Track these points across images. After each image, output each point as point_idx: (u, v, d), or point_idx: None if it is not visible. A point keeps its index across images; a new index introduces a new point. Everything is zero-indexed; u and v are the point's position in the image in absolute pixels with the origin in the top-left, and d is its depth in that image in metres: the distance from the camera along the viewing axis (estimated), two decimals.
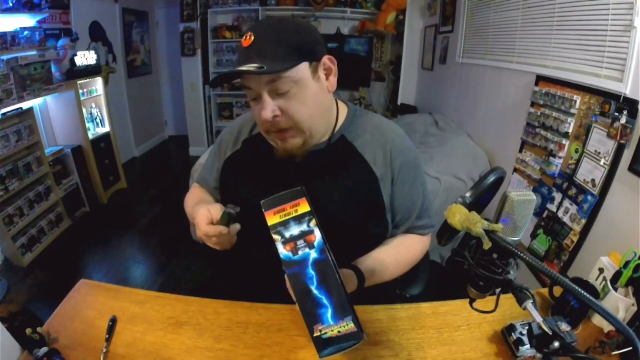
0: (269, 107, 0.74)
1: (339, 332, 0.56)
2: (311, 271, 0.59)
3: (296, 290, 0.58)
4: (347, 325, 0.56)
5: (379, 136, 0.87)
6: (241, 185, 0.91)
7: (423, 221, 0.93)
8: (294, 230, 0.61)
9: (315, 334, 0.55)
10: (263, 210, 0.63)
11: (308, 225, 0.62)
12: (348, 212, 0.84)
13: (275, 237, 0.61)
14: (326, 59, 0.79)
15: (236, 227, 0.75)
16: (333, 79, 0.82)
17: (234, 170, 0.94)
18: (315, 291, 0.58)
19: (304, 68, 0.74)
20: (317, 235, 0.61)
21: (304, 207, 0.63)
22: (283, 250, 0.60)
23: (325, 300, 0.57)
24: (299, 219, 0.62)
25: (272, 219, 0.62)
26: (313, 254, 0.60)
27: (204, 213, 0.74)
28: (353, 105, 0.93)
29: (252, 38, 0.72)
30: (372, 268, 0.79)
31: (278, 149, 0.84)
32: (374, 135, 0.88)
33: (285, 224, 0.62)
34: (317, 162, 0.85)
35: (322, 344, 0.55)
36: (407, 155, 0.88)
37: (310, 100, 0.77)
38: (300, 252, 0.60)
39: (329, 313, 0.57)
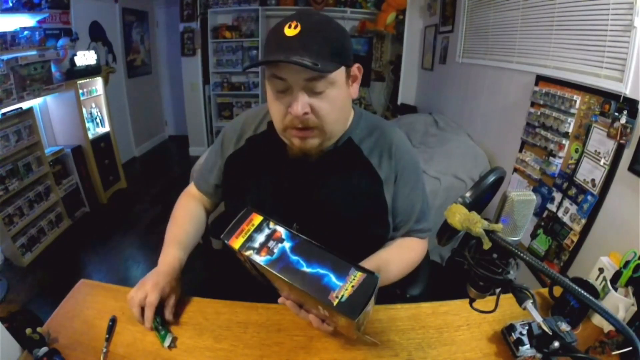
0: (302, 103, 0.72)
1: (352, 287, 0.56)
2: (294, 257, 0.60)
3: (294, 279, 0.58)
4: (355, 276, 0.57)
5: (384, 140, 0.88)
6: (245, 185, 0.91)
7: (422, 225, 0.94)
8: (260, 238, 0.63)
9: (335, 303, 0.55)
10: (225, 242, 0.64)
11: (269, 228, 0.64)
12: (352, 214, 0.85)
13: (248, 252, 0.62)
14: (355, 67, 0.80)
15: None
16: (356, 86, 0.82)
17: (238, 169, 0.93)
18: (308, 269, 0.59)
19: (341, 72, 0.75)
20: (281, 230, 0.64)
21: (257, 219, 0.66)
22: (261, 258, 0.61)
23: (322, 271, 0.58)
24: (258, 229, 0.65)
25: (236, 243, 0.64)
26: (287, 244, 0.62)
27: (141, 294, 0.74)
28: (358, 108, 0.94)
29: (299, 29, 0.69)
30: (378, 269, 0.79)
31: (293, 147, 0.83)
32: (379, 139, 0.88)
33: (249, 239, 0.64)
34: (323, 164, 0.86)
35: (346, 307, 0.55)
36: (409, 159, 0.89)
37: (339, 104, 0.77)
38: (276, 250, 0.61)
39: (332, 278, 0.57)
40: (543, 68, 1.86)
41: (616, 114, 1.38)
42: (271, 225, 0.65)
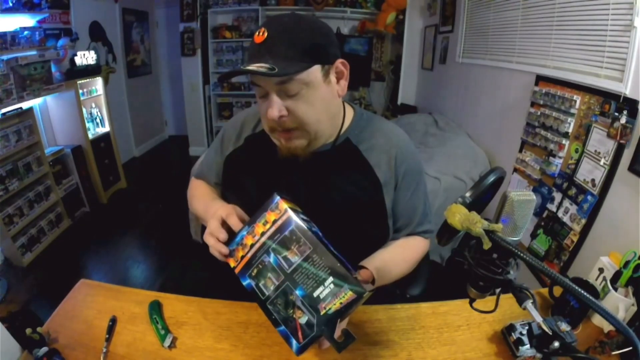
0: (276, 107, 0.72)
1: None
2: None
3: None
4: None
5: (385, 141, 0.87)
6: (243, 183, 0.91)
7: (424, 227, 0.93)
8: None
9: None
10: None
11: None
12: (349, 215, 0.84)
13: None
14: (339, 63, 0.78)
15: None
16: (344, 83, 0.80)
17: (236, 168, 0.94)
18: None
19: (315, 71, 0.73)
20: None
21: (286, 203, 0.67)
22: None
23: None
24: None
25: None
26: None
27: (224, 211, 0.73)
28: (359, 109, 0.93)
29: (266, 35, 0.70)
30: (380, 268, 0.78)
31: (281, 148, 0.83)
32: (379, 140, 0.87)
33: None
34: (320, 164, 0.85)
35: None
36: (411, 162, 0.88)
37: (319, 103, 0.76)
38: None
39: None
40: (543, 68, 1.86)
41: (616, 114, 1.38)
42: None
